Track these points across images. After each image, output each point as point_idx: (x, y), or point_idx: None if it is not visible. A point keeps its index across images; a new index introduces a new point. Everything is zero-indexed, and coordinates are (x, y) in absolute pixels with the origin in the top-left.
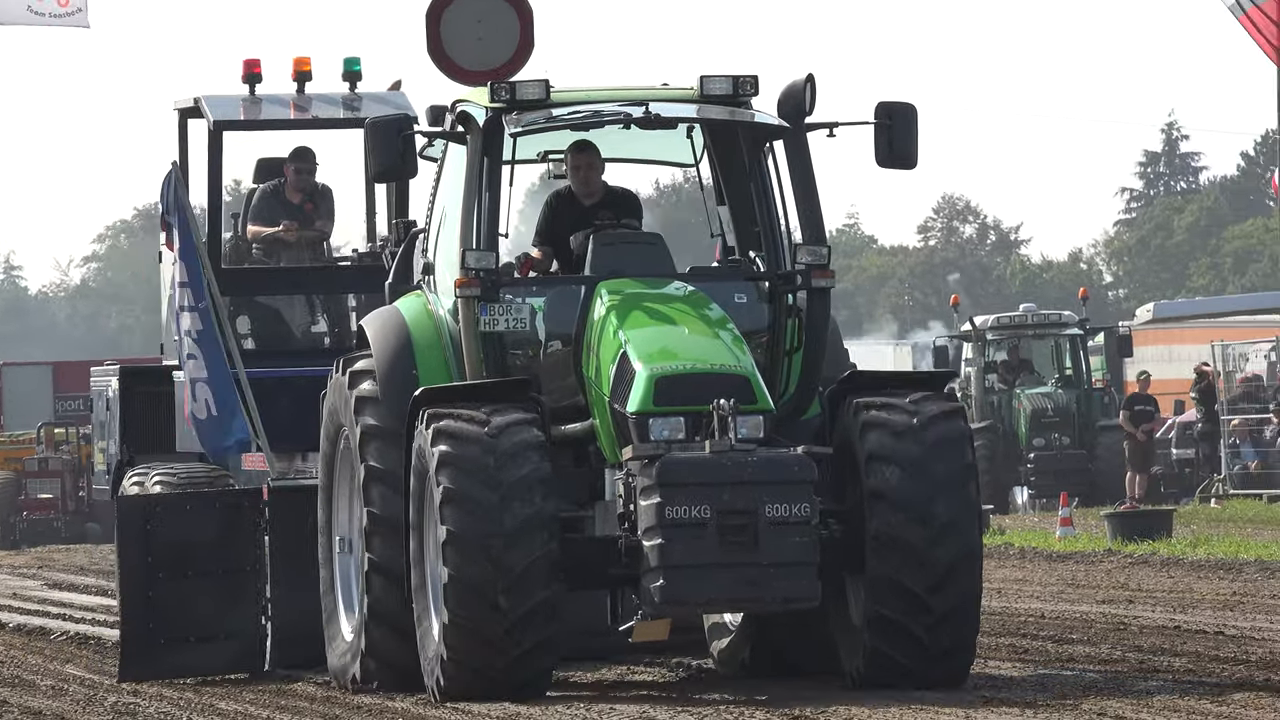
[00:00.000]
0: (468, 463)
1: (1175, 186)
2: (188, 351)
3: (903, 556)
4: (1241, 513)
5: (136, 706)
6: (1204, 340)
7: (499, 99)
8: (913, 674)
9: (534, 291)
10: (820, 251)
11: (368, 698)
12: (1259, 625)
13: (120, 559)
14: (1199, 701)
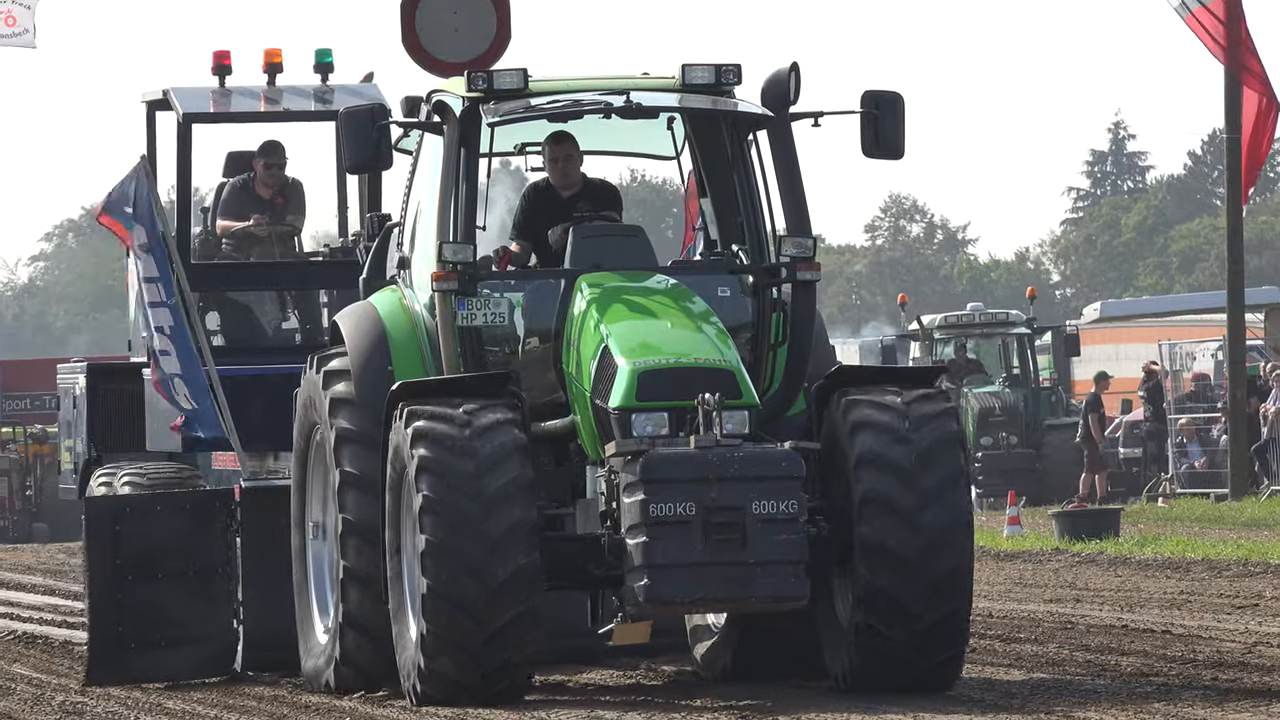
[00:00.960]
0: (448, 471)
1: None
2: (160, 347)
3: (892, 566)
4: (1189, 512)
5: (84, 706)
6: (1151, 339)
7: (476, 88)
8: (902, 659)
9: (512, 285)
10: (805, 243)
11: (315, 697)
12: (1206, 624)
13: (88, 561)
14: (1146, 702)
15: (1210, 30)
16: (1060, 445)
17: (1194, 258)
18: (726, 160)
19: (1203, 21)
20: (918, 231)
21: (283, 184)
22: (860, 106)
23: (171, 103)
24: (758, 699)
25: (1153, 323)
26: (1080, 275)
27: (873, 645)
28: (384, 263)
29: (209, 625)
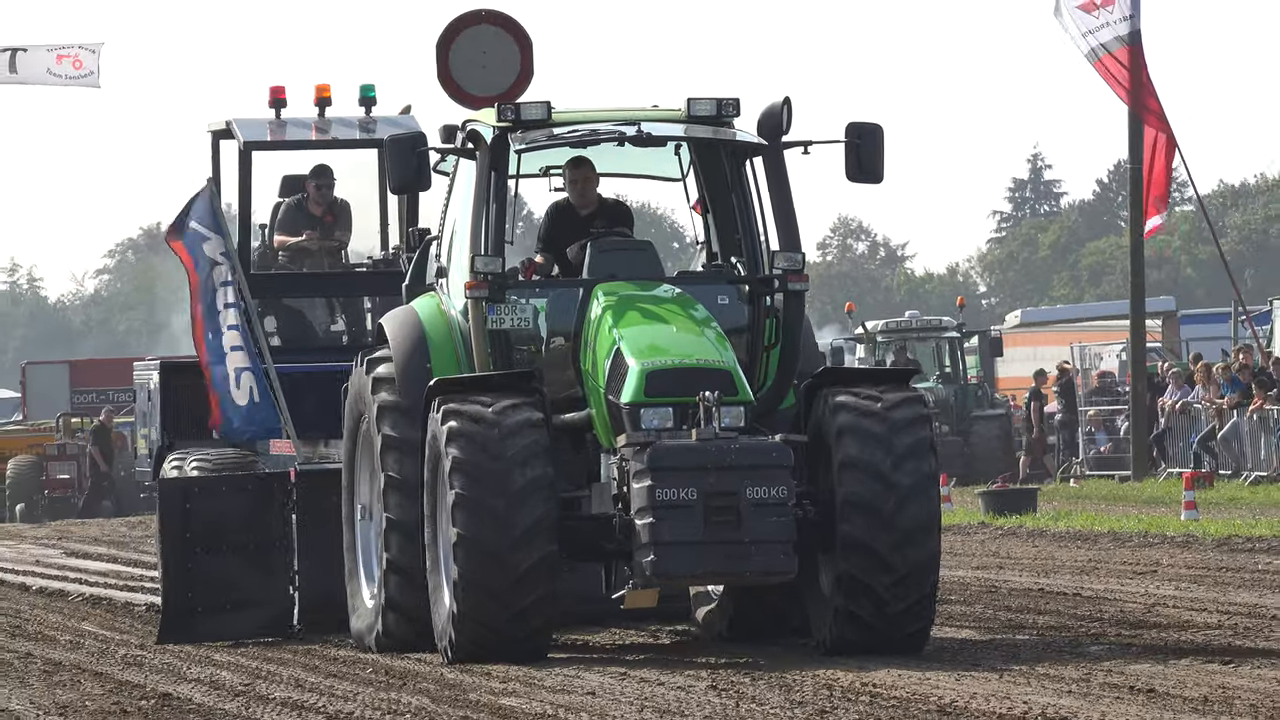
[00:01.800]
0: (475, 435)
1: (1039, 209)
2: (234, 343)
3: (868, 520)
4: (1096, 491)
5: (143, 658)
6: (1064, 342)
7: (505, 119)
8: (876, 630)
9: (536, 293)
10: (796, 258)
11: (345, 651)
12: (1111, 588)
13: (162, 535)
14: (1060, 653)
15: (1116, 75)
16: (985, 433)
17: (1101, 272)
18: (726, 183)
19: (1109, 67)
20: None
21: (332, 203)
22: (845, 136)
23: (234, 132)
24: (751, 657)
25: (1065, 328)
26: (1003, 286)
27: (852, 592)
28: (424, 271)
29: (268, 592)
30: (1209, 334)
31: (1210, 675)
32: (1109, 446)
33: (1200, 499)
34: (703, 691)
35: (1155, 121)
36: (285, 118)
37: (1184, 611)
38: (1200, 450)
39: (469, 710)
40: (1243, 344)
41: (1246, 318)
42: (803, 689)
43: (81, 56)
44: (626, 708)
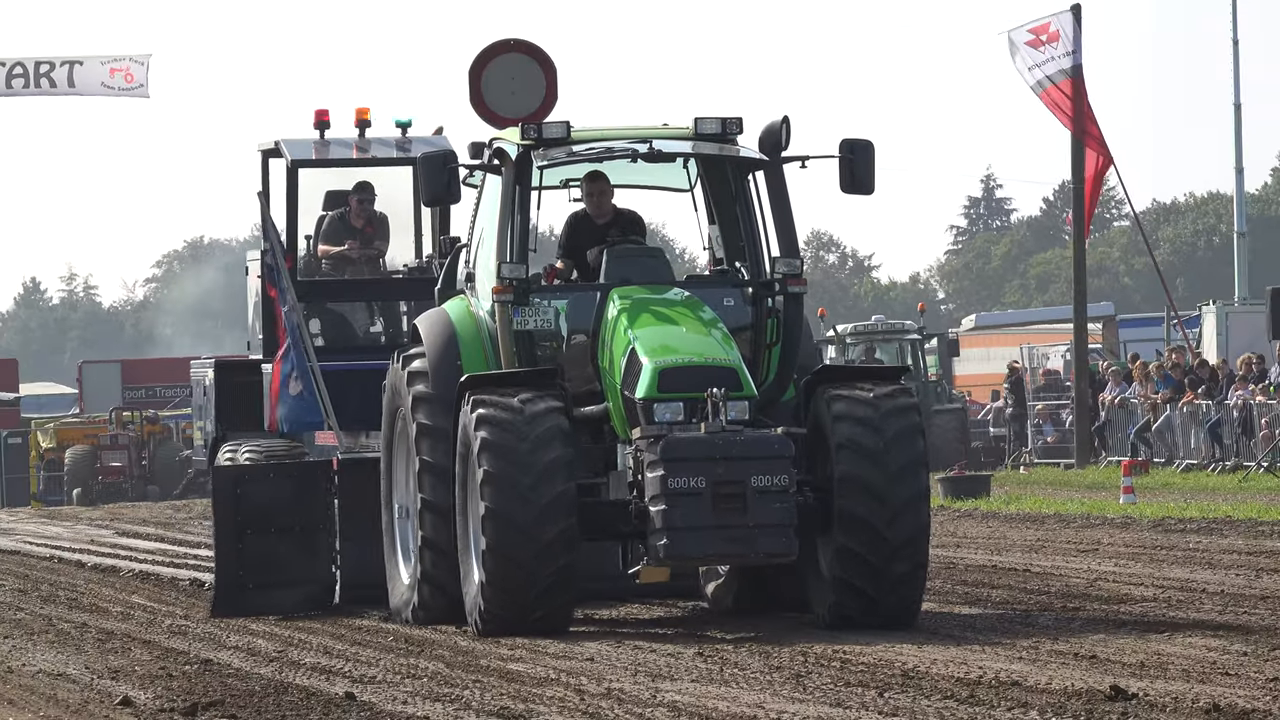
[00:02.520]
0: (502, 420)
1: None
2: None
3: (863, 496)
4: (1043, 477)
5: (187, 628)
6: (1015, 344)
7: (528, 137)
8: (872, 599)
9: (558, 296)
10: (794, 263)
11: (370, 622)
12: (1057, 564)
13: (215, 518)
14: (1011, 624)
15: (1060, 104)
16: (943, 425)
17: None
18: (730, 195)
19: (1054, 97)
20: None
21: (371, 216)
22: (838, 152)
23: (282, 151)
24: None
25: (1016, 331)
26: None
27: (849, 565)
28: (454, 276)
29: (312, 570)
30: (1144, 336)
31: (1147, 643)
32: (1055, 437)
33: (1137, 484)
34: (690, 658)
35: (1095, 145)
36: (329, 138)
37: (1123, 586)
38: (1137, 441)
39: (480, 674)
40: (1175, 345)
41: (1178, 322)
42: (780, 656)
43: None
44: (621, 671)
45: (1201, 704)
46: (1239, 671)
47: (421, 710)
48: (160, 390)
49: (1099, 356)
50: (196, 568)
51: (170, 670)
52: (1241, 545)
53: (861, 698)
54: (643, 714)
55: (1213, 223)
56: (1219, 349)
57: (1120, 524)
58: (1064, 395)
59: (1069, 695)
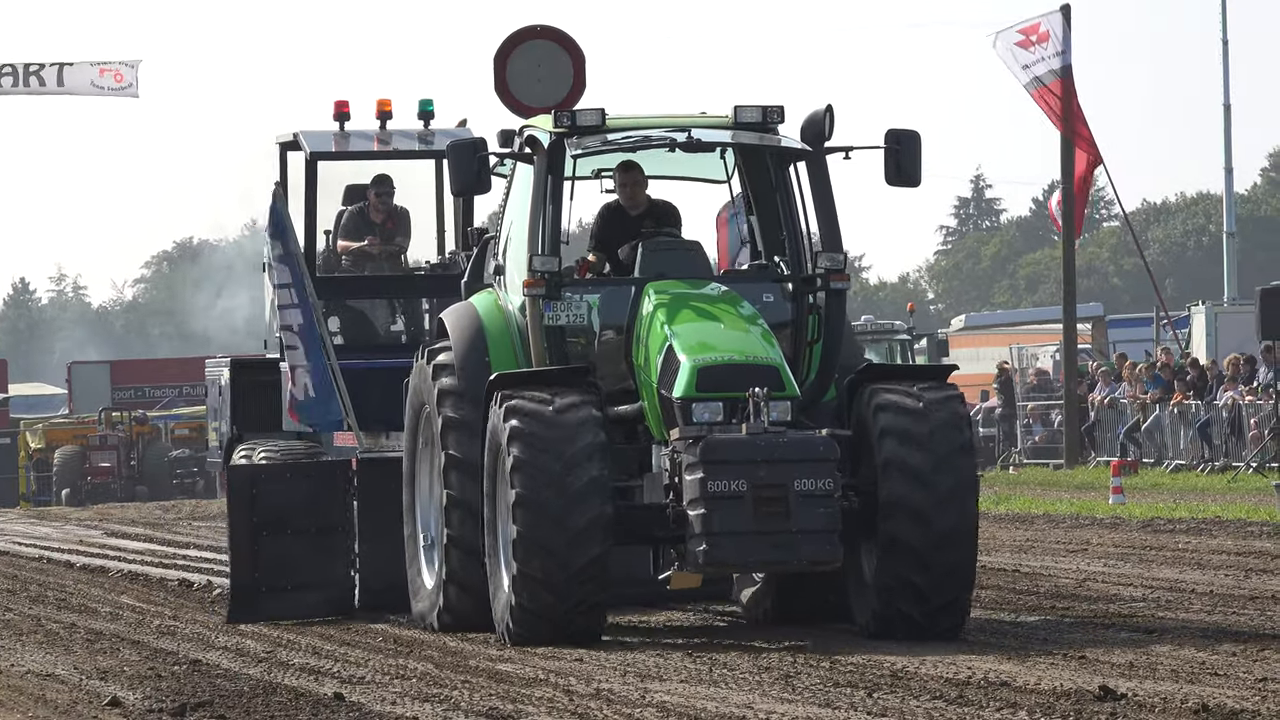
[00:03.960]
0: (535, 436)
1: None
2: (290, 343)
3: (909, 520)
4: (1033, 478)
5: (176, 628)
6: (1004, 344)
7: (561, 125)
8: (915, 624)
9: (590, 291)
10: (837, 258)
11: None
12: (1046, 564)
13: (230, 519)
14: (1000, 623)
15: (1050, 104)
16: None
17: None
18: (770, 186)
19: (1044, 98)
20: None
21: (392, 210)
22: (884, 142)
23: (301, 143)
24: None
25: (1005, 331)
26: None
27: (892, 589)
28: (482, 269)
29: (330, 574)
30: (1134, 336)
31: (1136, 643)
32: (1044, 437)
33: (1126, 485)
34: (679, 658)
35: (1085, 146)
36: (349, 130)
37: (1112, 586)
38: (1126, 441)
39: (469, 675)
40: (1164, 345)
41: (1168, 322)
42: (769, 656)
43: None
44: (610, 671)
45: (1190, 704)
46: (1228, 672)
47: (410, 711)
48: (149, 391)
49: (1088, 357)
50: (185, 568)
51: (159, 671)
52: (1230, 546)
53: (850, 698)
54: (631, 714)
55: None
56: (1208, 349)
57: (1109, 524)
58: (1053, 395)
59: (1058, 695)
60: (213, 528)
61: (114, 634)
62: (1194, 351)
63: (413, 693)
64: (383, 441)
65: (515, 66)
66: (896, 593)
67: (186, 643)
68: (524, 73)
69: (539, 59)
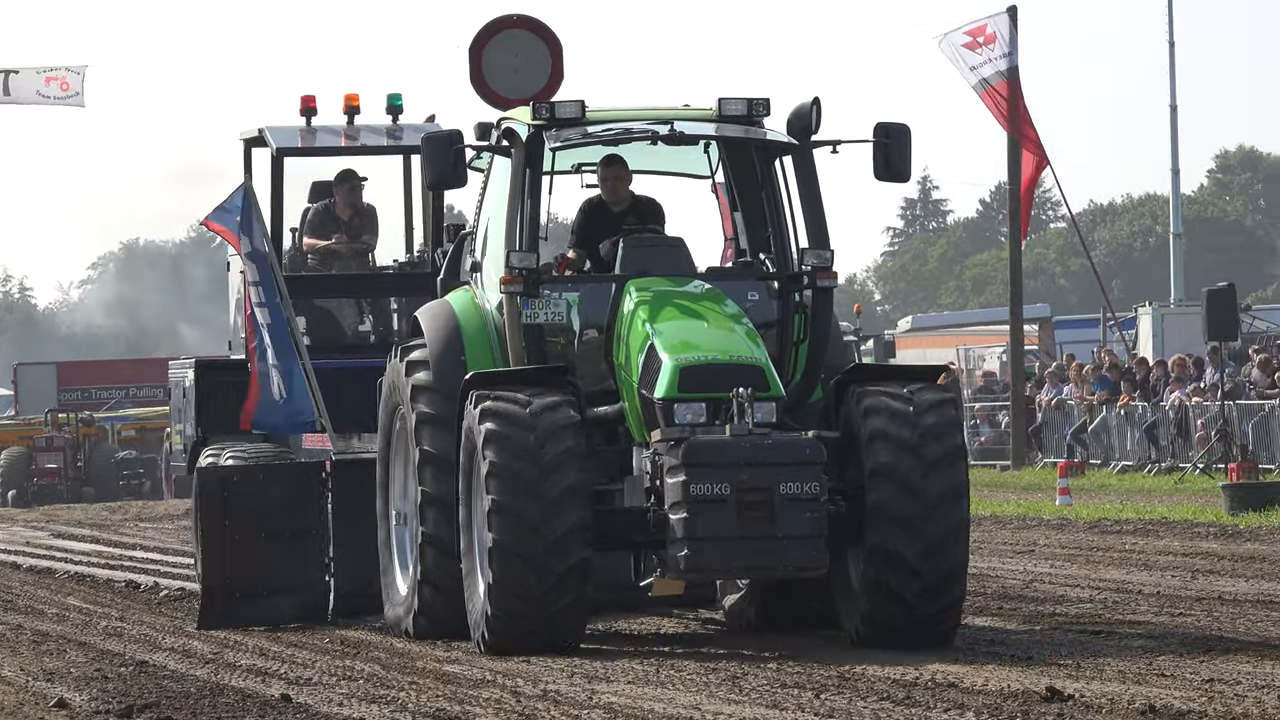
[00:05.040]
0: (511, 440)
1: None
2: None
3: (898, 528)
4: (979, 479)
5: (123, 629)
6: (951, 345)
7: (540, 117)
8: (904, 632)
9: (570, 288)
10: (824, 255)
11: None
12: (993, 565)
13: (201, 523)
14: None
15: (997, 105)
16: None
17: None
18: (756, 181)
19: (991, 99)
20: None
21: (359, 208)
22: (873, 136)
23: (266, 139)
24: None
25: (952, 332)
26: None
27: (880, 598)
28: (458, 266)
29: (304, 579)
30: (1081, 338)
31: (1083, 644)
32: (991, 438)
33: (1073, 486)
34: (627, 660)
35: (1031, 147)
36: (315, 125)
37: (1059, 587)
38: (1073, 442)
39: (416, 676)
40: (1110, 347)
41: (1115, 323)
42: (717, 658)
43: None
44: (557, 673)
45: (1137, 705)
46: (1174, 673)
47: (357, 712)
48: (96, 392)
49: (1034, 358)
50: (132, 569)
51: (105, 672)
52: (1177, 547)
53: (798, 699)
54: (579, 716)
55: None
56: (1155, 350)
57: (1056, 525)
58: (1000, 396)
59: (1005, 696)
60: (159, 529)
61: (60, 635)
62: (1141, 352)
63: (360, 694)
64: (354, 443)
65: (491, 57)
66: (884, 601)
67: (133, 644)
68: (500, 63)
69: (516, 49)
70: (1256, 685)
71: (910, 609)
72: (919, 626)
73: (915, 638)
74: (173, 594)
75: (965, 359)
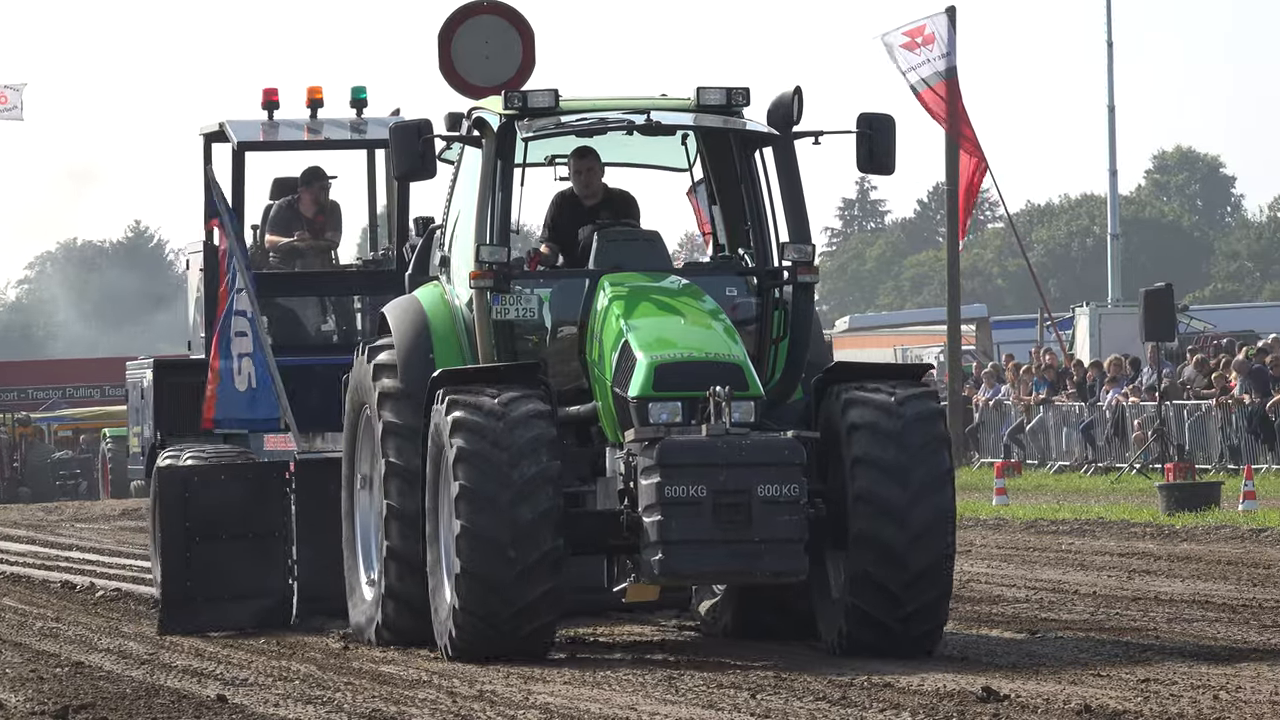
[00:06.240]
0: (480, 426)
1: (866, 226)
2: (240, 329)
3: (882, 517)
4: None
5: (58, 630)
6: (888, 345)
7: (512, 106)
8: (888, 629)
9: (542, 283)
10: (805, 249)
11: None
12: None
13: (161, 525)
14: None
15: (935, 106)
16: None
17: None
18: (735, 173)
19: (929, 100)
20: None
21: (323, 205)
22: (856, 127)
23: (227, 133)
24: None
25: (889, 332)
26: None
27: (864, 591)
28: (427, 261)
29: (267, 582)
30: (1018, 338)
31: (1019, 644)
32: None
33: (1010, 486)
34: (563, 660)
35: (970, 148)
36: (278, 119)
37: (995, 587)
38: (1010, 442)
39: (352, 676)
40: (1048, 346)
41: (1051, 323)
42: (653, 658)
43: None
44: (493, 673)
45: (1073, 705)
46: (1110, 673)
47: (293, 713)
48: (32, 392)
49: (972, 358)
50: (68, 570)
51: (41, 673)
52: (1113, 546)
53: (734, 699)
54: (515, 716)
55: (1086, 224)
56: (1092, 350)
57: (993, 525)
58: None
59: (941, 696)
60: (96, 529)
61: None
62: (1078, 353)
63: (296, 694)
64: (318, 444)
65: (460, 44)
66: (867, 599)
67: (69, 645)
68: (470, 50)
69: (486, 35)
70: (1192, 685)
71: (895, 602)
72: (904, 623)
73: (900, 639)
74: (109, 594)
75: (902, 359)
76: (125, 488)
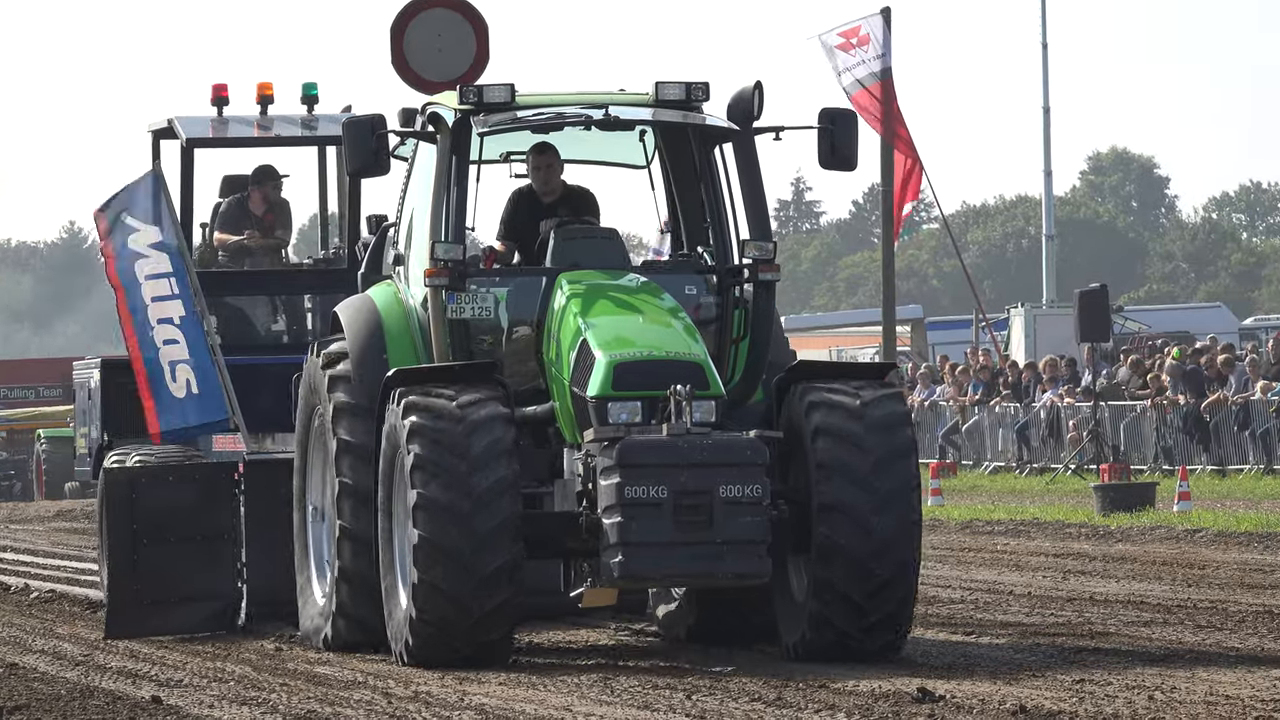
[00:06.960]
0: (437, 432)
1: (802, 227)
2: (168, 336)
3: (846, 525)
4: None
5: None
6: (824, 346)
7: (467, 101)
8: (850, 637)
9: (498, 282)
10: (766, 247)
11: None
12: None
13: (108, 527)
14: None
15: (870, 107)
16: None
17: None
18: (694, 170)
19: (864, 101)
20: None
21: (273, 203)
22: (818, 122)
23: (176, 130)
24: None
25: (825, 333)
26: None
27: (827, 599)
28: (380, 259)
29: (216, 585)
30: (953, 339)
31: (954, 644)
32: None
33: (945, 486)
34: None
35: (904, 149)
36: (227, 116)
37: (930, 588)
38: (945, 443)
39: (287, 678)
40: (983, 347)
41: (986, 324)
42: (587, 659)
43: None
44: (428, 674)
45: (1008, 705)
46: (1045, 673)
47: (228, 714)
48: None
49: (907, 359)
50: (2, 571)
51: None
52: (1048, 547)
53: (669, 700)
54: (450, 717)
55: (1021, 225)
56: (1027, 351)
57: (928, 526)
58: None
59: (876, 697)
60: (30, 531)
61: None
62: (1013, 354)
63: (230, 695)
64: (267, 444)
65: (413, 38)
66: (830, 607)
67: (3, 646)
68: (423, 44)
69: (438, 29)
70: (1127, 686)
71: (858, 612)
72: (867, 632)
73: (862, 645)
74: (44, 596)
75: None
76: (60, 489)
